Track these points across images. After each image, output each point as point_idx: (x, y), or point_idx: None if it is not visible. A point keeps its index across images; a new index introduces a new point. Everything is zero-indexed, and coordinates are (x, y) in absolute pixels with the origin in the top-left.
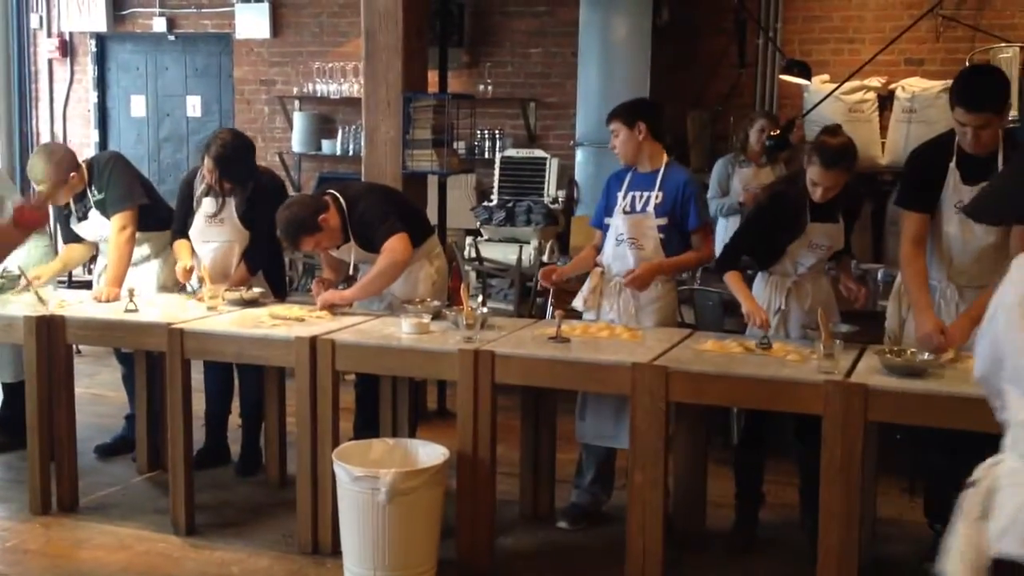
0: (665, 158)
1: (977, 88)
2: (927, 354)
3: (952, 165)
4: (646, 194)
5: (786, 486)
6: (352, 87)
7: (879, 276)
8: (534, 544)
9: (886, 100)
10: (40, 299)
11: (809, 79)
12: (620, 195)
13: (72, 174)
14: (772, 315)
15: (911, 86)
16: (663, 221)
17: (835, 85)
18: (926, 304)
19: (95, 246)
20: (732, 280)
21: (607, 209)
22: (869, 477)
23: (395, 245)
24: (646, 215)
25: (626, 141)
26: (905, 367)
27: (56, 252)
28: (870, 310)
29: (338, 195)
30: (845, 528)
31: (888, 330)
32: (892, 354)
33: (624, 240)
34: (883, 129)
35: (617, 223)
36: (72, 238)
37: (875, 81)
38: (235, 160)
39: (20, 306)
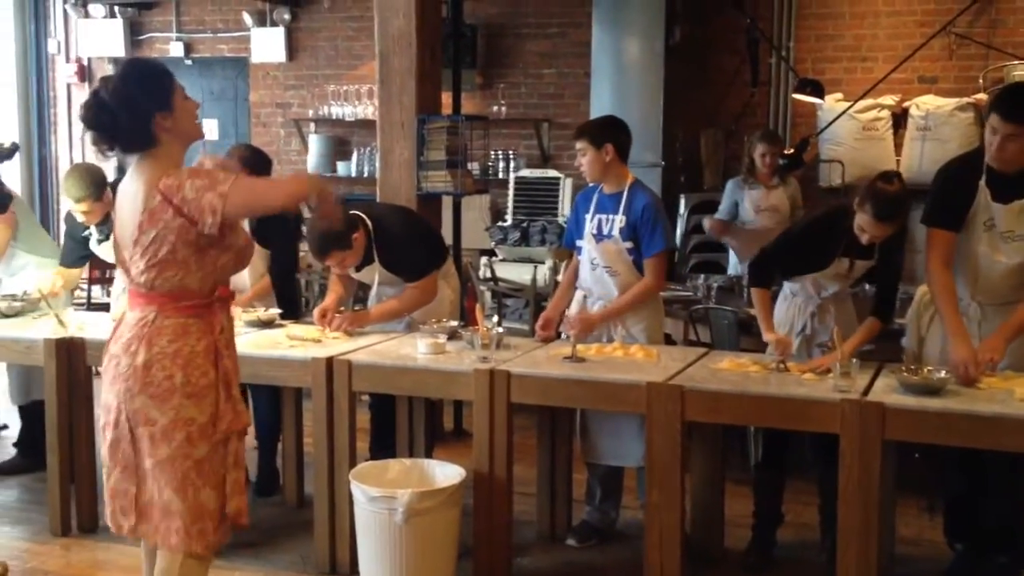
0: (630, 179)
1: (1016, 99)
2: (943, 372)
3: (982, 183)
4: (611, 217)
5: (806, 505)
6: (367, 109)
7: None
8: (551, 564)
9: (900, 118)
10: (60, 322)
11: (822, 98)
12: (588, 217)
13: (106, 191)
14: (795, 336)
15: (925, 104)
16: (630, 244)
17: (849, 103)
18: (962, 329)
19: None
20: (758, 301)
21: (578, 231)
22: (887, 496)
23: (427, 285)
24: (613, 240)
25: (593, 161)
26: (922, 385)
27: None
28: (886, 328)
29: (363, 216)
30: (863, 547)
31: (907, 348)
32: (909, 372)
33: (599, 266)
34: (897, 147)
35: (588, 248)
36: (73, 262)
37: (889, 99)
38: (253, 174)
39: (40, 329)
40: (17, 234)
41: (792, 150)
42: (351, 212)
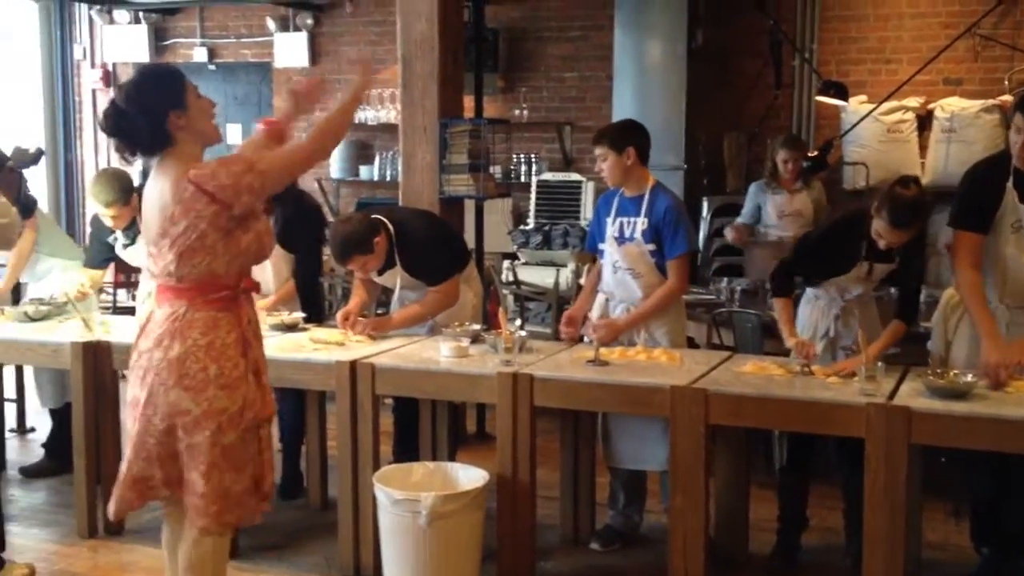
0: (651, 182)
1: None
2: (970, 375)
3: (1009, 185)
4: (633, 220)
5: (831, 510)
6: (389, 113)
7: (920, 297)
8: (574, 568)
9: (925, 120)
10: (87, 325)
11: (846, 100)
12: (609, 220)
13: (133, 196)
14: (819, 340)
15: (950, 106)
16: (652, 247)
17: (873, 106)
18: (995, 330)
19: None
20: (780, 309)
21: (600, 234)
22: (914, 500)
23: (449, 289)
24: (635, 242)
25: (614, 166)
26: (948, 389)
27: None
28: (911, 331)
29: (385, 220)
30: (890, 552)
31: (933, 352)
32: (935, 376)
33: (621, 268)
34: (922, 149)
35: (610, 251)
36: (98, 264)
37: (913, 101)
38: None
39: (66, 332)
40: (39, 238)
41: (816, 152)
42: (372, 216)
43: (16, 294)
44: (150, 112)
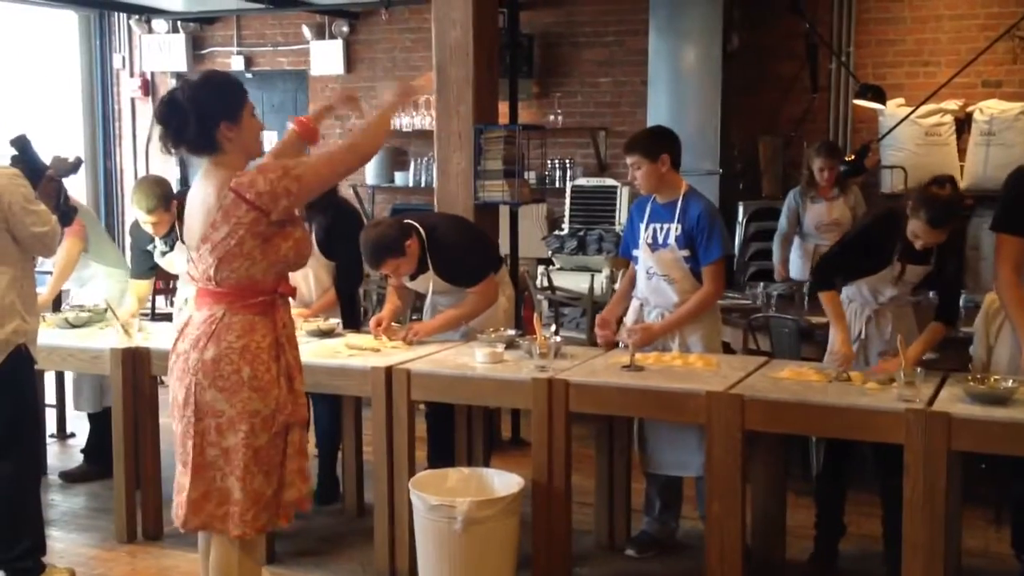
0: (684, 187)
1: None
2: (1011, 381)
3: None
4: (666, 226)
5: (868, 517)
6: (424, 120)
7: (960, 301)
8: (610, 574)
9: (963, 123)
10: (126, 332)
11: (884, 103)
12: (642, 226)
13: (173, 202)
14: (852, 343)
15: (989, 108)
16: (687, 253)
17: (911, 109)
18: None
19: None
20: (829, 304)
21: (633, 240)
22: (953, 507)
23: (487, 289)
24: (669, 248)
25: (648, 174)
26: (989, 395)
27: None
28: (951, 336)
29: (416, 224)
30: (929, 560)
31: (975, 357)
32: (975, 381)
33: (655, 274)
34: (961, 152)
35: (643, 257)
36: (142, 274)
37: (952, 104)
38: None
39: (106, 338)
40: (87, 244)
41: (852, 156)
42: (404, 221)
43: (56, 301)
44: (203, 117)
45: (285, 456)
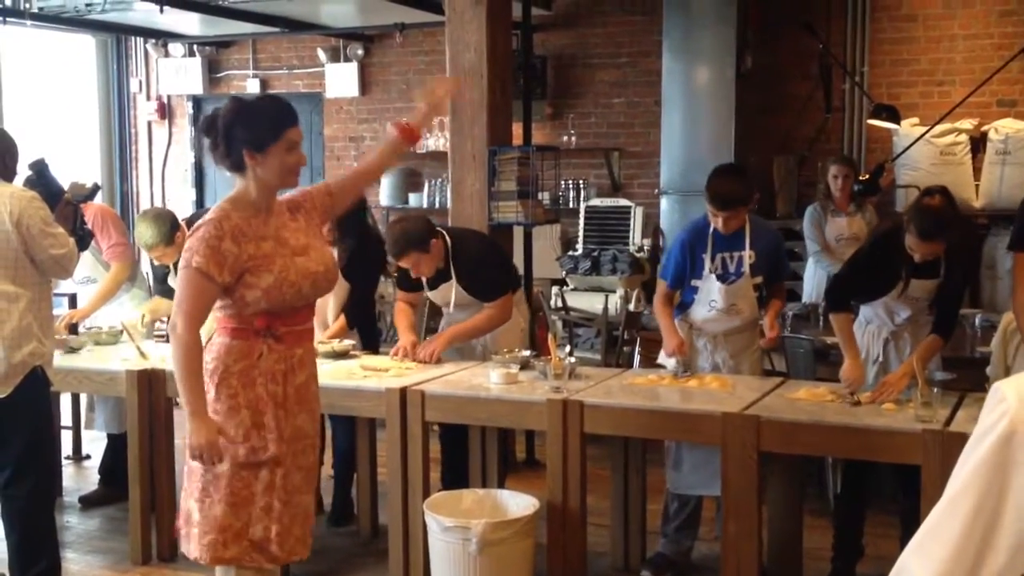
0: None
1: None
2: None
3: None
4: (736, 254)
5: (885, 538)
6: (438, 141)
7: (976, 321)
8: None
9: (978, 142)
10: (141, 353)
11: (898, 123)
12: (707, 257)
13: (177, 234)
14: (870, 365)
15: (1004, 128)
16: (759, 279)
17: (925, 128)
18: None
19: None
20: (840, 327)
21: (690, 270)
22: None
23: (504, 305)
24: (743, 277)
25: (742, 217)
26: None
27: None
28: (968, 357)
29: (443, 232)
30: None
31: (992, 378)
32: None
33: (717, 308)
34: (976, 171)
35: (711, 289)
36: (165, 293)
37: (967, 123)
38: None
39: (122, 360)
40: (134, 272)
41: (867, 176)
42: (433, 223)
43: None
44: (230, 139)
45: (254, 493)
